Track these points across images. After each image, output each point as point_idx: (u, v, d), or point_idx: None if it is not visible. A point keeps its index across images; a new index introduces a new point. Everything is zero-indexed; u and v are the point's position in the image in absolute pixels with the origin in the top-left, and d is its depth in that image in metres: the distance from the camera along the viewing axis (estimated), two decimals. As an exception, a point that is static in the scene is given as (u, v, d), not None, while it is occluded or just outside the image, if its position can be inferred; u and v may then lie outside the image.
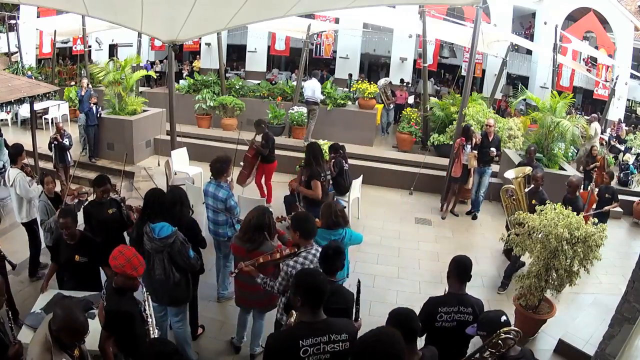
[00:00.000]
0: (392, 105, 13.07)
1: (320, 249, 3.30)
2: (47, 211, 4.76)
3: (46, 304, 3.58)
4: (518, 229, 5.08)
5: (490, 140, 7.55)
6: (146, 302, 3.13)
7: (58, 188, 5.50)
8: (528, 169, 5.99)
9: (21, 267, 5.03)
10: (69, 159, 8.06)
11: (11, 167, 5.37)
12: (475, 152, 7.53)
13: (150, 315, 3.08)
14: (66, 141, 7.92)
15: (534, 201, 5.42)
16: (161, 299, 3.75)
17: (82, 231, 4.02)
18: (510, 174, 6.12)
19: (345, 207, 7.09)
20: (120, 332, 2.92)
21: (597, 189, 7.32)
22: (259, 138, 7.17)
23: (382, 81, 12.81)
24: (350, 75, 17.46)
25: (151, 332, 3.00)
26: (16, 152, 5.46)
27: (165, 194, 3.93)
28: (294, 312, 2.77)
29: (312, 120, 10.44)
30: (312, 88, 10.08)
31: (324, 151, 7.61)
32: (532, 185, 5.76)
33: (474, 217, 7.76)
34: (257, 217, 3.66)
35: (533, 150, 7.29)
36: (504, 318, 2.75)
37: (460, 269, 3.11)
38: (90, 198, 4.91)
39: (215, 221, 4.69)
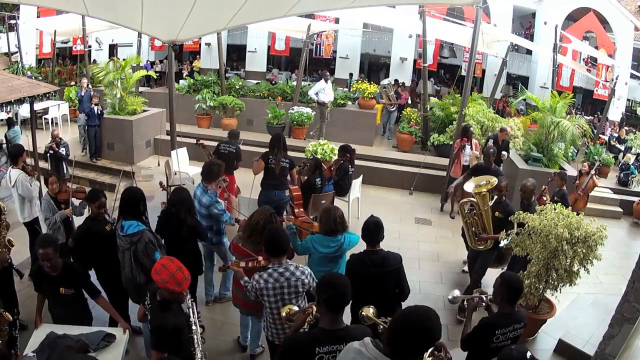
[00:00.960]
0: (393, 108, 12.54)
1: (291, 268, 3.17)
2: (51, 209, 4.78)
3: (39, 345, 3.21)
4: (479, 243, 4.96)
5: (500, 144, 7.63)
6: (191, 310, 2.99)
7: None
8: (494, 180, 4.81)
9: (21, 267, 5.02)
10: (65, 171, 7.37)
11: (12, 167, 5.31)
12: (477, 153, 7.56)
13: (195, 323, 2.94)
14: (63, 150, 7.30)
15: (497, 213, 4.78)
16: (131, 295, 3.90)
17: (65, 261, 3.67)
18: (469, 186, 4.89)
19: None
20: (169, 347, 2.83)
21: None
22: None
23: (386, 82, 12.69)
24: (351, 74, 17.45)
25: (196, 340, 2.86)
26: (17, 153, 5.41)
27: (139, 193, 3.89)
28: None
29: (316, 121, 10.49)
30: (316, 89, 10.33)
31: (328, 153, 7.67)
32: (495, 197, 4.85)
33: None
34: (265, 219, 3.67)
35: (492, 152, 6.57)
36: (529, 354, 2.59)
37: (513, 293, 3.07)
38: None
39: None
